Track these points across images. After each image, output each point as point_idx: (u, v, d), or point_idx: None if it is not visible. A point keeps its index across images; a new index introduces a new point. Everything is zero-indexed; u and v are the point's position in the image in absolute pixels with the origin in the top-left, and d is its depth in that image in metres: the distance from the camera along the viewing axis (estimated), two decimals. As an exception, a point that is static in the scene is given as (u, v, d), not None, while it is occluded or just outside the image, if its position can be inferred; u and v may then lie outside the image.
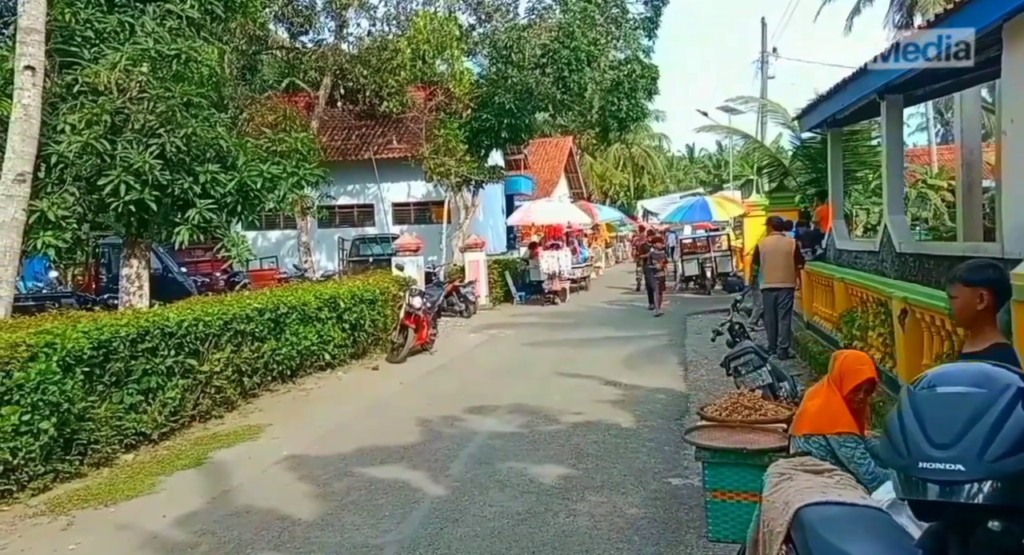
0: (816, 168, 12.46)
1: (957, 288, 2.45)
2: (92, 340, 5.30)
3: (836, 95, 7.58)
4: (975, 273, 2.44)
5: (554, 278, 17.07)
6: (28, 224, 7.60)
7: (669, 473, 4.83)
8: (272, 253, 20.79)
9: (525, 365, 9.41)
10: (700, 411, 4.17)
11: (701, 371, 8.28)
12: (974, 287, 2.41)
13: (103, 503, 4.73)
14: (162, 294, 9.80)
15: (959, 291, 2.44)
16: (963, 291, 2.43)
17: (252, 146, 9.40)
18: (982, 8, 4.56)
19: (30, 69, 7.53)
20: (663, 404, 6.77)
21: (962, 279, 2.44)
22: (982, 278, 2.43)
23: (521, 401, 7.14)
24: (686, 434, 3.77)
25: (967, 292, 2.42)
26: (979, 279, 2.42)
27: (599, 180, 44.35)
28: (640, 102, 17.02)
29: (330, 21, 18.19)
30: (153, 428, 5.99)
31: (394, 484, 4.89)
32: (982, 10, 4.56)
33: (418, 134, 18.24)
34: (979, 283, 2.42)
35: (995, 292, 2.41)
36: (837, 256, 9.07)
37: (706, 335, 11.08)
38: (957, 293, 2.45)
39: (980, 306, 2.40)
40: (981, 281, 2.42)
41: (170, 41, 8.10)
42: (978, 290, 2.40)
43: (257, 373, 7.68)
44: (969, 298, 2.41)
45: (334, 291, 9.32)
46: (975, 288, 2.41)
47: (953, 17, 4.97)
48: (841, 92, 7.32)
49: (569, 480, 4.76)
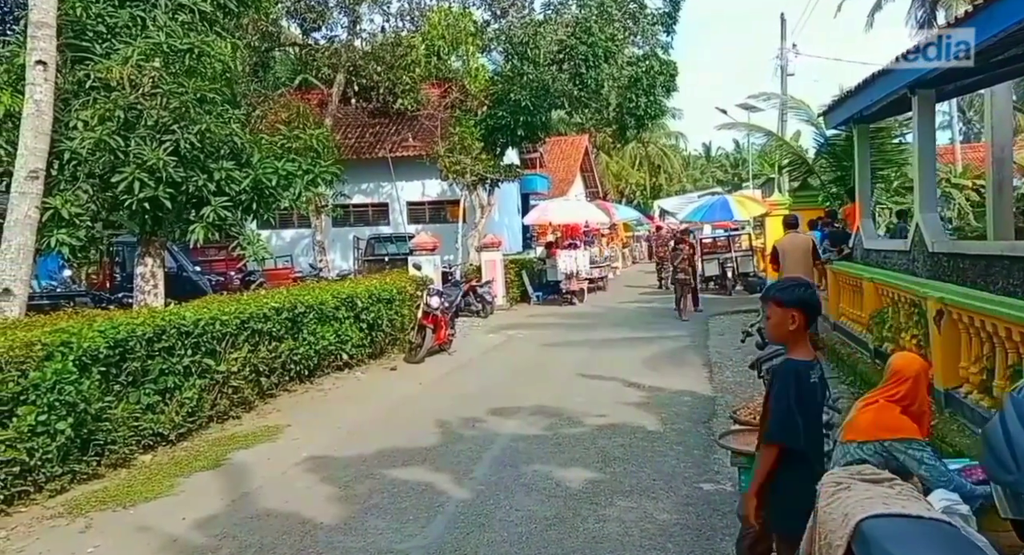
0: (841, 166, 12.18)
1: (771, 308, 2.54)
2: (108, 339, 5.22)
3: (865, 90, 7.35)
4: (787, 294, 2.54)
5: (572, 278, 16.90)
6: (41, 222, 7.55)
7: (700, 478, 4.66)
8: (287, 252, 20.75)
9: (545, 366, 9.25)
10: (732, 415, 4.00)
11: (727, 373, 8.08)
12: (786, 308, 2.50)
13: (121, 505, 4.64)
14: (176, 293, 9.74)
15: (772, 311, 2.54)
16: (776, 311, 2.52)
17: (267, 143, 9.32)
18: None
19: (41, 64, 7.47)
20: (689, 406, 6.59)
21: (775, 299, 2.54)
22: (793, 299, 2.52)
23: (543, 403, 6.99)
24: (720, 438, 3.60)
25: (780, 312, 2.51)
26: (791, 300, 2.52)
27: (615, 179, 44.08)
28: (658, 99, 16.79)
29: (343, 17, 18.09)
30: (170, 429, 5.90)
31: (417, 486, 4.76)
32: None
33: (433, 132, 18.10)
34: (791, 304, 2.51)
35: (805, 312, 2.51)
36: (864, 256, 8.83)
37: (729, 336, 10.92)
38: (771, 313, 2.54)
39: (792, 326, 2.49)
40: (793, 302, 2.51)
41: (182, 35, 8.02)
42: (790, 311, 2.49)
43: (275, 373, 7.58)
44: (782, 318, 2.50)
45: (351, 290, 9.23)
46: (787, 309, 2.50)
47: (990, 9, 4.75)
48: (870, 87, 7.09)
49: (597, 484, 4.60)
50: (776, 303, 2.54)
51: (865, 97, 7.34)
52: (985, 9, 4.93)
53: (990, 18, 4.88)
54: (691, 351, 9.82)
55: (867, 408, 2.98)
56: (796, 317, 2.49)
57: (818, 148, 13.29)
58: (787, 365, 2.53)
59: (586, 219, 20.22)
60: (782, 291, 2.59)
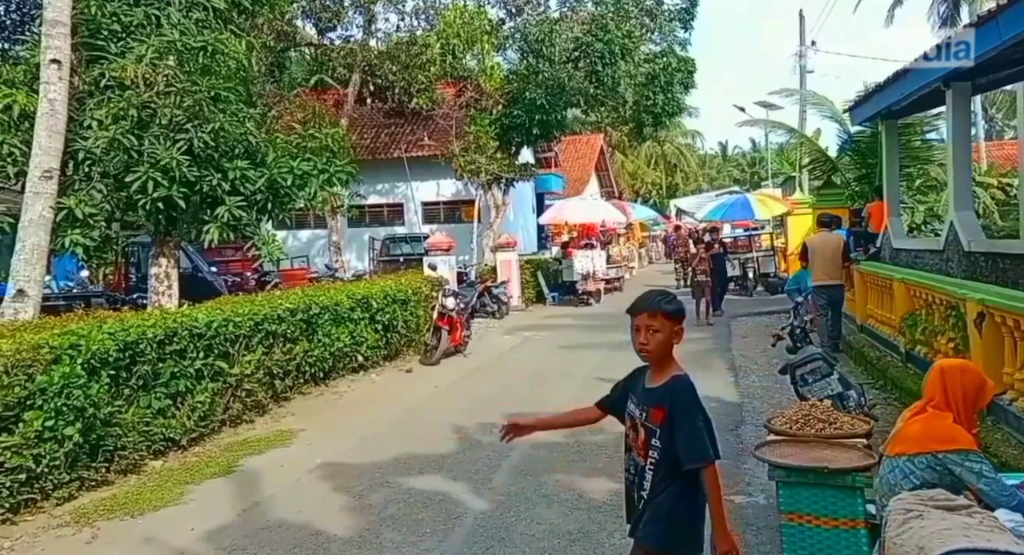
0: (866, 163, 11.82)
1: (660, 321, 2.30)
2: (118, 342, 5.09)
3: (895, 84, 7.04)
4: (674, 305, 2.36)
5: (588, 278, 16.67)
6: (55, 222, 7.49)
7: (731, 490, 4.40)
8: (303, 253, 20.75)
9: (564, 369, 9.03)
10: (767, 424, 3.76)
11: (752, 377, 7.81)
12: (675, 321, 2.33)
13: (129, 513, 4.51)
14: (192, 294, 9.68)
15: (662, 324, 2.30)
16: (666, 324, 2.31)
17: (282, 142, 9.22)
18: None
19: (56, 62, 7.42)
20: (716, 413, 6.30)
21: (664, 311, 2.31)
22: (679, 310, 2.36)
23: (563, 408, 6.73)
24: (756, 450, 3.37)
25: (669, 326, 2.31)
26: (677, 311, 2.34)
27: (631, 178, 43.72)
28: (676, 96, 16.50)
29: (358, 16, 18.00)
30: (182, 434, 5.78)
31: (434, 497, 4.58)
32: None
33: (448, 131, 17.97)
34: (677, 316, 2.34)
35: (681, 324, 2.37)
36: (893, 256, 8.51)
37: (753, 339, 10.64)
38: (660, 326, 2.30)
39: (677, 340, 2.34)
40: (679, 314, 2.34)
41: (196, 33, 7.94)
42: (676, 324, 2.33)
43: (289, 375, 7.46)
44: (670, 332, 2.32)
45: (367, 291, 9.10)
46: (674, 321, 2.33)
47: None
48: (901, 80, 6.79)
49: (621, 495, 4.35)
50: (666, 316, 2.32)
51: (895, 91, 7.04)
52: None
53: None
54: (714, 354, 9.55)
55: (915, 418, 2.76)
56: (680, 330, 2.34)
57: (841, 145, 12.95)
58: (685, 378, 2.36)
59: (603, 218, 19.95)
60: (668, 302, 2.35)
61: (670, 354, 2.37)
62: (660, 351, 2.34)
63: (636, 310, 2.37)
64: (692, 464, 2.24)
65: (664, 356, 2.36)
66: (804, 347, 5.12)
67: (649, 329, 2.31)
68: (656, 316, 2.31)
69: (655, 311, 2.32)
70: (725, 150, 64.41)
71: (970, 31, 5.44)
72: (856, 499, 2.90)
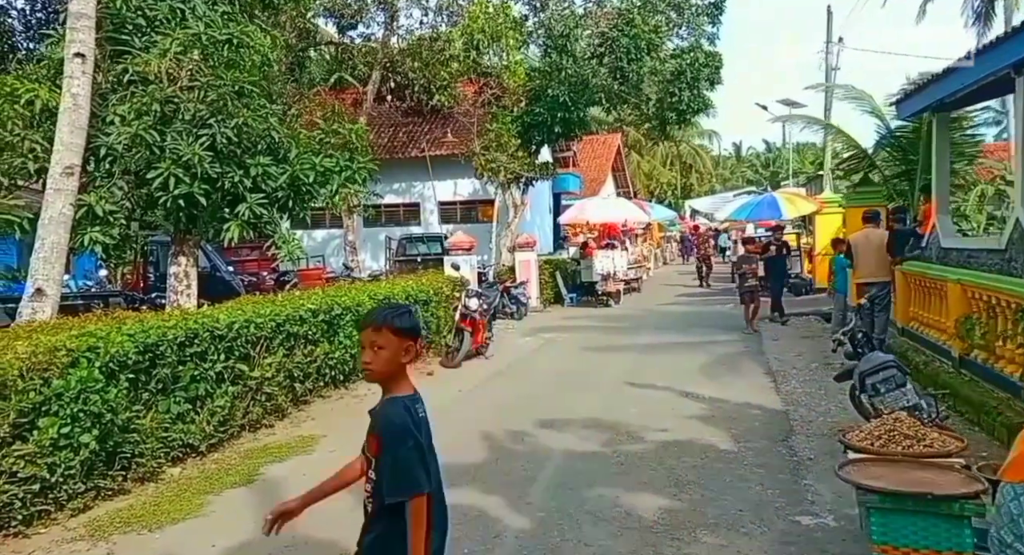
0: (907, 159, 11.38)
1: (386, 336, 2.09)
2: (138, 344, 4.86)
3: (954, 73, 6.64)
4: (406, 320, 2.13)
5: (608, 279, 16.36)
6: (75, 219, 7.32)
7: (795, 509, 4.08)
8: (318, 252, 20.62)
9: (590, 373, 8.72)
10: (842, 438, 3.43)
11: (793, 383, 7.44)
12: (404, 337, 2.11)
13: (147, 527, 4.26)
14: (209, 293, 9.51)
15: (388, 340, 2.09)
16: (392, 341, 2.09)
17: (305, 137, 9.02)
18: None
19: (80, 56, 7.25)
20: (761, 422, 5.99)
21: (391, 327, 2.10)
22: (412, 326, 2.14)
23: (594, 415, 6.47)
24: (840, 469, 3.04)
25: (396, 343, 2.10)
26: (409, 328, 2.13)
27: (646, 178, 43.32)
28: (702, 93, 16.12)
29: (380, 13, 17.80)
30: (201, 439, 5.54)
31: (469, 512, 4.29)
32: None
33: (468, 129, 17.74)
34: (409, 332, 2.12)
35: (417, 340, 2.16)
36: (942, 256, 8.09)
37: (785, 342, 10.26)
38: (386, 343, 2.09)
39: (407, 358, 2.12)
40: (412, 330, 2.13)
41: (221, 26, 7.75)
42: (406, 341, 2.11)
43: (309, 378, 7.23)
44: (398, 349, 2.10)
45: (388, 291, 8.87)
46: (404, 338, 2.11)
47: None
48: (961, 69, 6.40)
49: (674, 514, 4.05)
50: (393, 331, 2.08)
51: (953, 81, 6.64)
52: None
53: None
54: (747, 358, 9.19)
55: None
56: (411, 348, 2.12)
57: (879, 140, 12.49)
58: (399, 402, 2.11)
59: (625, 218, 19.61)
60: (399, 317, 2.12)
61: (398, 375, 2.13)
62: (385, 371, 2.10)
63: (362, 325, 2.16)
64: (393, 497, 2.02)
65: (390, 377, 2.12)
66: (869, 354, 4.74)
67: (374, 346, 2.08)
68: (382, 331, 2.08)
69: (380, 326, 2.09)
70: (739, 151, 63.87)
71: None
72: (964, 530, 2.57)
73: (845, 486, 3.91)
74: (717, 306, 15.43)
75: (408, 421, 2.07)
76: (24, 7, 14.30)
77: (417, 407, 2.14)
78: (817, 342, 10.10)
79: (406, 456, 2.03)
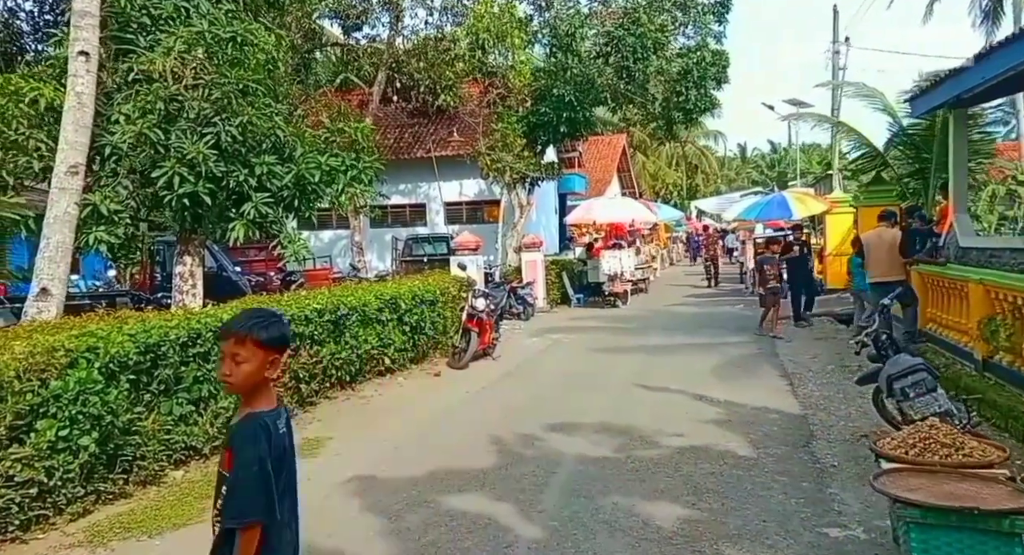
0: (920, 158, 11.19)
1: (249, 349, 1.93)
2: (139, 344, 4.74)
3: (975, 67, 6.46)
4: (273, 331, 1.96)
5: (615, 280, 16.19)
6: (80, 219, 7.23)
7: (821, 520, 3.90)
8: (325, 253, 20.57)
9: (599, 375, 8.57)
10: (873, 446, 3.27)
11: (809, 385, 7.26)
12: (268, 349, 1.95)
13: (147, 533, 4.13)
14: (216, 293, 9.40)
15: (251, 353, 1.93)
16: (257, 354, 1.93)
17: (310, 136, 8.92)
18: None
19: (84, 54, 7.17)
20: (779, 426, 5.81)
21: (255, 338, 1.93)
22: (278, 337, 1.97)
23: (605, 418, 6.31)
24: (875, 480, 2.87)
25: (261, 356, 1.94)
26: (276, 339, 1.96)
27: (651, 179, 43.14)
28: (709, 92, 15.94)
29: (385, 14, 17.73)
30: (204, 442, 5.41)
31: (479, 520, 4.14)
32: None
33: (474, 129, 17.63)
34: (275, 344, 1.96)
35: (283, 351, 2.01)
36: (961, 255, 7.90)
37: (798, 343, 10.07)
38: (248, 355, 1.93)
39: (271, 371, 1.97)
40: (277, 341, 1.97)
41: (225, 23, 7.66)
42: (271, 353, 1.96)
43: (315, 379, 7.11)
44: (261, 363, 1.94)
45: (394, 291, 8.73)
46: (268, 350, 1.95)
47: None
48: (984, 62, 6.22)
49: (693, 524, 3.89)
50: (257, 344, 1.92)
51: (974, 75, 6.46)
52: None
53: None
54: (761, 360, 9.00)
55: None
56: (278, 361, 1.97)
57: (890, 139, 12.29)
58: (254, 421, 1.95)
59: (632, 218, 19.44)
60: (265, 327, 1.94)
61: (262, 388, 1.98)
62: (246, 385, 1.95)
63: (222, 333, 1.97)
64: (229, 522, 1.86)
65: (252, 390, 1.96)
66: (895, 356, 4.55)
67: (235, 358, 1.92)
68: (245, 343, 1.92)
69: (243, 337, 1.92)
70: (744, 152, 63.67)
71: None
72: (1014, 548, 2.41)
73: (873, 495, 3.76)
74: (726, 307, 15.25)
75: (260, 442, 1.91)
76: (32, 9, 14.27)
77: (278, 423, 1.98)
78: (831, 343, 9.91)
79: (248, 478, 1.87)
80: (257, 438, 1.90)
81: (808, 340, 10.40)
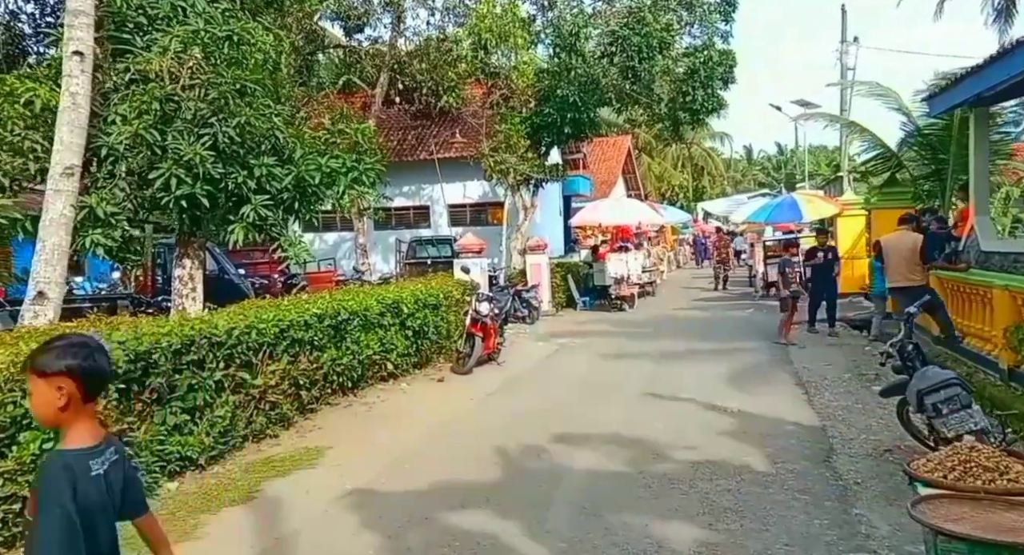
0: (936, 159, 10.93)
1: (32, 381, 1.83)
2: (128, 352, 4.56)
3: (999, 62, 6.22)
4: (49, 359, 1.81)
5: (622, 283, 15.96)
6: (77, 221, 7.07)
7: (848, 544, 3.66)
8: (329, 255, 20.45)
9: (608, 382, 8.34)
10: (907, 467, 3.04)
11: (826, 395, 7.01)
12: (49, 377, 1.79)
13: (136, 551, 3.89)
14: (217, 297, 9.23)
15: (34, 385, 1.82)
16: (39, 384, 1.81)
17: (310, 138, 8.74)
18: None
19: (78, 54, 7.01)
20: (797, 439, 5.57)
21: (34, 369, 1.81)
22: (57, 363, 1.80)
23: (615, 429, 6.09)
24: (913, 508, 2.64)
25: (43, 386, 1.80)
26: (54, 366, 1.80)
27: (657, 181, 42.87)
28: (716, 92, 15.71)
29: (387, 14, 17.59)
30: (200, 452, 5.23)
31: (483, 540, 3.93)
32: None
33: (477, 131, 17.46)
34: (55, 372, 1.79)
35: (81, 380, 1.80)
36: (983, 260, 7.66)
37: (812, 350, 9.81)
38: (33, 388, 1.83)
39: (60, 403, 1.79)
40: (57, 369, 1.79)
41: (221, 22, 7.50)
42: (55, 380, 1.79)
43: (315, 385, 6.91)
44: (48, 394, 1.80)
45: (397, 295, 8.53)
46: (51, 378, 1.79)
47: None
48: (1009, 57, 5.98)
49: (712, 548, 3.67)
50: (37, 373, 1.80)
51: (997, 72, 6.22)
52: None
53: None
54: (775, 367, 8.75)
55: None
56: (66, 389, 1.79)
57: (903, 139, 12.03)
58: (54, 463, 1.79)
59: (639, 220, 19.21)
60: (42, 355, 1.82)
61: (70, 422, 1.81)
62: (46, 419, 1.83)
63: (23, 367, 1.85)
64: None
65: (57, 425, 1.83)
66: (923, 369, 4.31)
67: (29, 392, 1.84)
68: (28, 374, 1.82)
69: (26, 368, 1.83)
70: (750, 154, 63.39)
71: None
72: (1076, 587, 2.18)
73: (902, 517, 3.53)
74: (736, 311, 14.99)
75: (61, 484, 1.73)
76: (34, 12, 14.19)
77: (92, 462, 1.79)
78: (846, 350, 9.65)
79: (45, 527, 1.70)
80: (56, 480, 1.74)
81: (822, 346, 10.15)
